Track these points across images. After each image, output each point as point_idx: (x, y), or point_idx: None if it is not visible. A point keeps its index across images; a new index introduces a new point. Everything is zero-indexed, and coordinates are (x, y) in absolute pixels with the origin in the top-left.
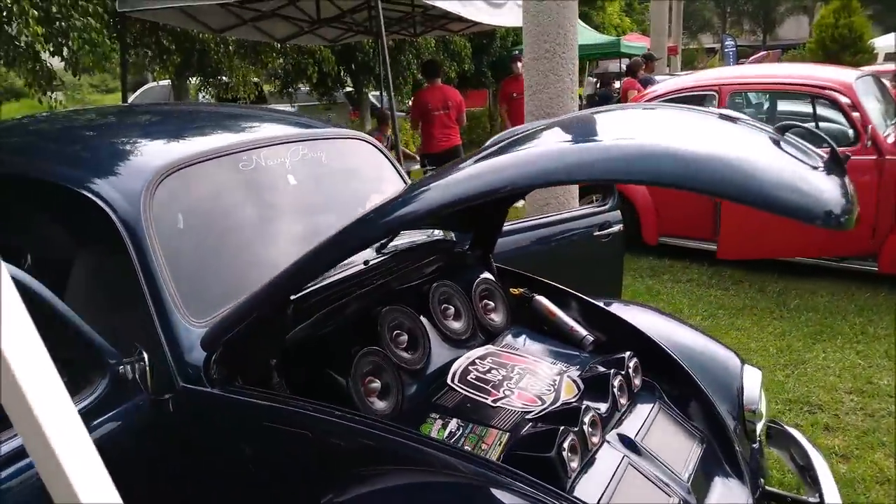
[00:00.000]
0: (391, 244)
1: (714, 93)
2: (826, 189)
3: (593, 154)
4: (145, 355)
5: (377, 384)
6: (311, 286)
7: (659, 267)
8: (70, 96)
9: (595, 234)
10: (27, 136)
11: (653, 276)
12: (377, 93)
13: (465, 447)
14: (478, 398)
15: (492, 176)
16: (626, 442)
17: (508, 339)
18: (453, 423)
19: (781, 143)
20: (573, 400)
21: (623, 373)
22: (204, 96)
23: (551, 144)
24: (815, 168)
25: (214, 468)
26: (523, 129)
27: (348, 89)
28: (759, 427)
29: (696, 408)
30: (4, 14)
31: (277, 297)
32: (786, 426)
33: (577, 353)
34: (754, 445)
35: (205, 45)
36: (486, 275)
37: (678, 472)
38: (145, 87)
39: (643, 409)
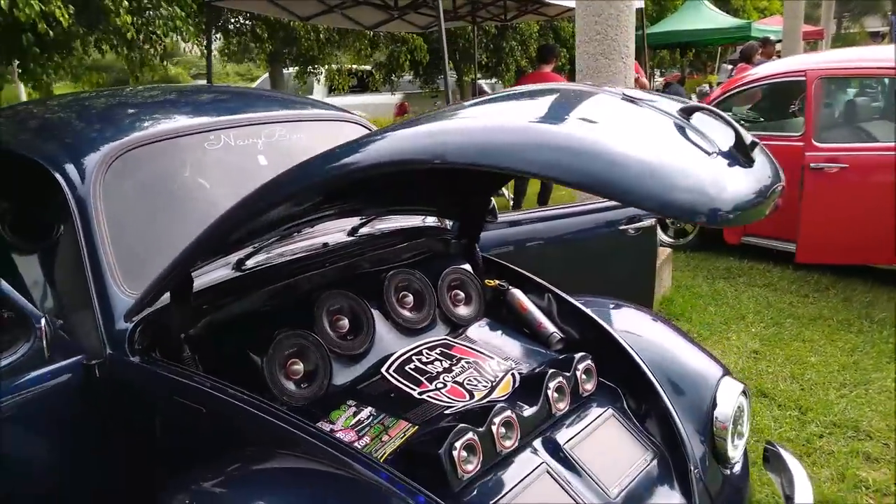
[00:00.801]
0: (365, 229)
1: (801, 79)
2: (716, 182)
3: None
4: (43, 322)
5: (300, 366)
6: (261, 265)
7: (737, 268)
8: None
9: (621, 227)
10: (24, 115)
11: (727, 277)
12: (491, 80)
13: (366, 437)
14: (404, 389)
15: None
16: (552, 448)
17: (471, 331)
18: (366, 412)
19: (687, 128)
20: (502, 398)
21: (567, 374)
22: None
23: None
24: (711, 156)
25: (131, 436)
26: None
27: (452, 76)
28: (738, 448)
29: (656, 420)
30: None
31: (191, 261)
32: (782, 449)
33: (542, 351)
34: (734, 470)
35: (295, 34)
36: (461, 265)
37: (607, 485)
38: (263, 77)
39: (587, 416)
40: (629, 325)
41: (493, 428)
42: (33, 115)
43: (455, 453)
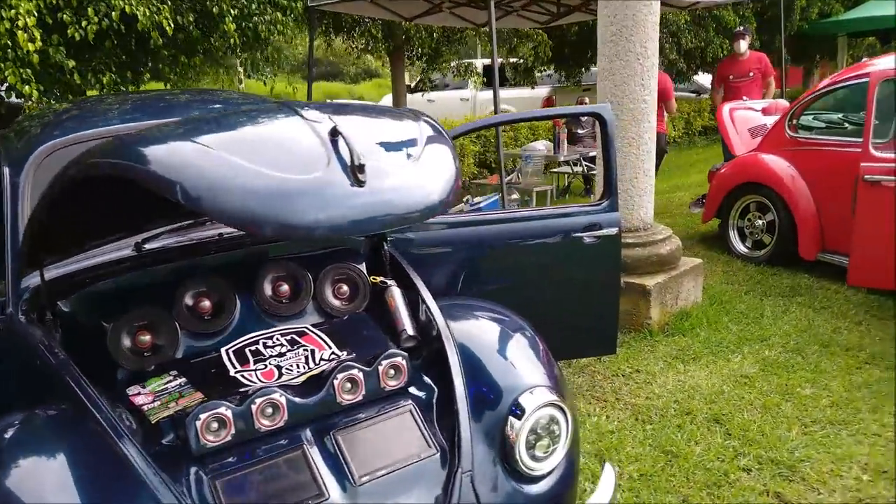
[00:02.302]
0: None
1: (865, 81)
2: (306, 203)
3: None
4: None
5: (147, 337)
6: (154, 249)
7: (804, 286)
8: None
9: (576, 234)
10: (26, 120)
11: (785, 295)
12: None
13: (158, 401)
14: (225, 366)
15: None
16: (319, 433)
17: (337, 322)
18: (177, 382)
19: (323, 151)
20: (296, 384)
21: (367, 370)
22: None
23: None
24: (318, 177)
25: (16, 380)
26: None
27: (594, 70)
28: (542, 461)
29: (449, 420)
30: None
31: (27, 241)
32: (608, 466)
33: (390, 348)
34: (538, 483)
35: (407, 33)
36: (353, 262)
37: (357, 473)
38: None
39: (380, 409)
40: (480, 328)
41: (253, 407)
42: (27, 120)
43: (198, 423)
